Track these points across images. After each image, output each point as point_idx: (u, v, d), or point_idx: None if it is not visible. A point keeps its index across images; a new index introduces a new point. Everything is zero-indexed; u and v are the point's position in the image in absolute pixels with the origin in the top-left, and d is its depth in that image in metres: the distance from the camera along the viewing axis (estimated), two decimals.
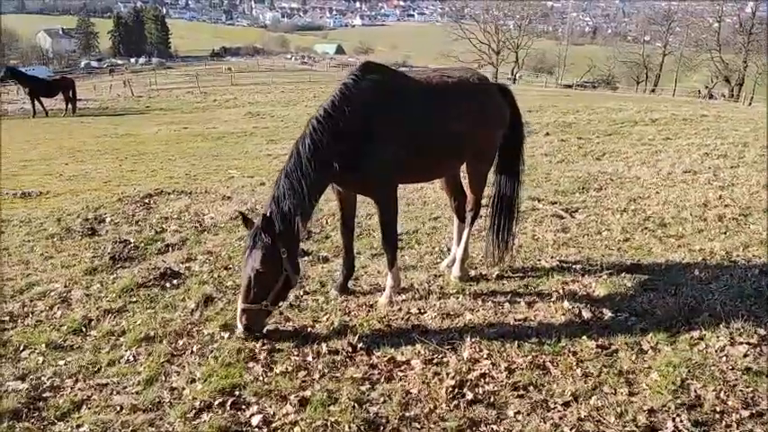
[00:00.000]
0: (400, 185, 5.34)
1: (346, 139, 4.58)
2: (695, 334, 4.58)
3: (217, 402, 3.79)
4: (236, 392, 3.92)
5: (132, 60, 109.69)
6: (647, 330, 4.65)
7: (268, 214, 4.38)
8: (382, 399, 3.85)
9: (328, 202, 6.99)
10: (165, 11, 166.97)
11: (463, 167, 5.89)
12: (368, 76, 4.79)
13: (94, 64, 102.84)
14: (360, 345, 4.47)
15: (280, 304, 4.76)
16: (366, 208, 7.37)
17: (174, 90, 44.70)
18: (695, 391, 3.89)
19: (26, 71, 40.20)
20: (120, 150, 15.67)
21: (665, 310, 4.92)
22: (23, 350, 4.51)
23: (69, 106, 28.83)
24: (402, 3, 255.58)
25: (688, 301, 5.09)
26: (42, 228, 7.75)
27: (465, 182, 6.07)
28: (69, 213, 8.39)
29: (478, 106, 5.35)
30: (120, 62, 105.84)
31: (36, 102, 28.01)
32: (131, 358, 4.39)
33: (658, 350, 4.39)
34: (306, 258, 6.44)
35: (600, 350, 4.39)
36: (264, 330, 4.59)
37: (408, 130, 4.88)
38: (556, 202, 8.59)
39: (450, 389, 3.90)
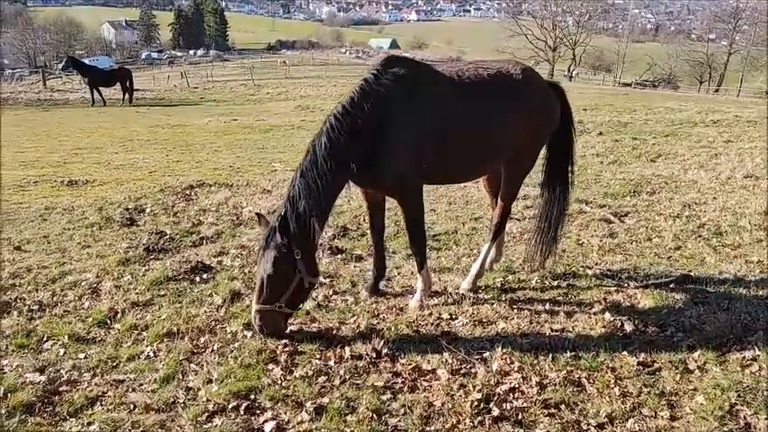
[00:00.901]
0: (443, 185, 5.05)
1: (365, 136, 4.38)
2: (748, 354, 4.21)
3: (231, 406, 3.66)
4: (252, 396, 3.78)
5: (191, 52, 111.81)
6: (694, 348, 4.31)
7: (283, 214, 4.23)
8: (403, 410, 3.65)
9: None
10: (224, 4, 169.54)
11: None
12: (390, 70, 4.54)
13: (155, 55, 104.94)
14: (385, 350, 4.28)
15: (299, 306, 4.60)
16: None
17: (228, 82, 45.20)
18: (745, 418, 3.56)
19: (89, 61, 41.54)
20: (168, 141, 15.86)
21: (715, 327, 4.54)
22: (47, 341, 4.49)
23: (126, 96, 29.51)
24: None
25: (741, 318, 4.68)
26: (83, 216, 7.83)
27: None
28: (111, 203, 8.48)
29: (516, 100, 5.00)
30: (179, 54, 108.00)
31: (95, 91, 28.77)
32: (151, 354, 4.31)
33: (706, 370, 4.06)
34: (339, 256, 6.30)
35: (641, 368, 4.09)
36: (288, 331, 4.45)
37: (433, 127, 4.62)
38: (604, 206, 8.20)
39: (476, 403, 3.67)
